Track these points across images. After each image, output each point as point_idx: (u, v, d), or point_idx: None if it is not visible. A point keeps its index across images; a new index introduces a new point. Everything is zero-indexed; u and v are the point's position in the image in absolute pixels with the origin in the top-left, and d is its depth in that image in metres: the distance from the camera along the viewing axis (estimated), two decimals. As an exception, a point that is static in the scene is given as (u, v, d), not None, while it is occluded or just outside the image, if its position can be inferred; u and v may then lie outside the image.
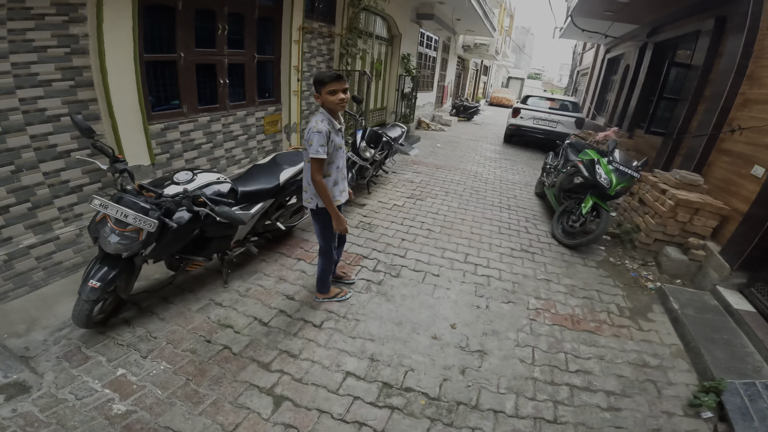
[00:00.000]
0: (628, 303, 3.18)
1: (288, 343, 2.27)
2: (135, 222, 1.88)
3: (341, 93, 2.04)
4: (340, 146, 2.22)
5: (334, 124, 2.11)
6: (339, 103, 2.05)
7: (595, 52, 12.26)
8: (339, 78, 2.01)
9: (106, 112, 2.71)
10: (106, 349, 2.04)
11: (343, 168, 2.33)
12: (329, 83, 2.00)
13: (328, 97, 2.02)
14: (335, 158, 2.21)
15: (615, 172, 3.77)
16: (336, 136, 2.14)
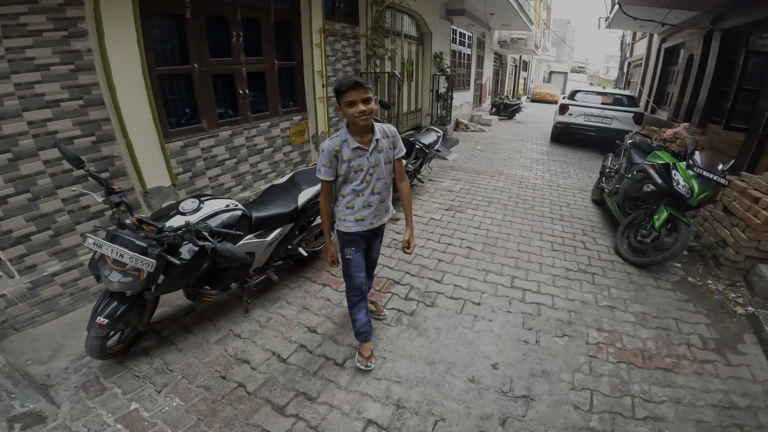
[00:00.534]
0: (713, 333, 2.62)
1: (306, 383, 2.05)
2: (132, 262, 1.70)
3: (361, 104, 1.69)
4: (360, 167, 1.85)
5: (350, 140, 1.81)
6: (358, 116, 1.70)
7: (648, 41, 11.25)
8: (357, 86, 1.68)
9: (120, 132, 2.57)
10: (122, 380, 1.99)
11: (367, 192, 1.91)
12: (346, 92, 1.69)
13: (347, 109, 1.71)
14: (352, 179, 1.88)
15: (696, 179, 3.13)
16: (352, 154, 1.82)
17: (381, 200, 1.96)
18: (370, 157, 1.83)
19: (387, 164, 1.91)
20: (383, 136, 1.87)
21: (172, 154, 3.01)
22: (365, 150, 1.81)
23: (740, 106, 4.65)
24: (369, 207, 1.94)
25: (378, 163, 1.86)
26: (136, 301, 1.93)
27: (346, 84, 1.67)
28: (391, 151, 1.91)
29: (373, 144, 1.82)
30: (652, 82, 10.05)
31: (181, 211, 2.00)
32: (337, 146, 1.78)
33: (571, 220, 4.53)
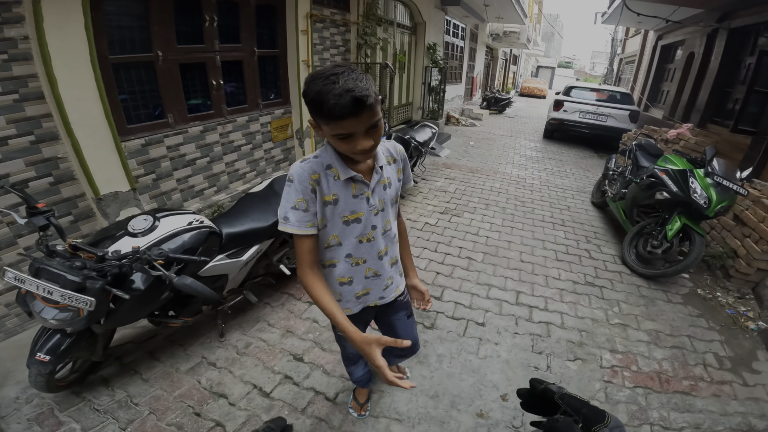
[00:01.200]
0: (727, 350, 2.48)
1: (293, 422, 1.78)
2: (64, 300, 1.36)
3: (362, 138, 0.93)
4: (356, 215, 1.10)
5: (338, 166, 1.05)
6: (359, 153, 0.96)
7: (642, 38, 11.17)
8: (355, 110, 0.85)
9: (63, 130, 2.19)
10: (80, 414, 1.73)
11: (372, 256, 1.19)
12: (334, 121, 0.88)
13: (338, 143, 0.96)
14: (342, 236, 1.12)
15: (715, 188, 2.90)
16: (342, 190, 1.06)
17: (393, 261, 1.27)
18: (373, 198, 1.10)
19: (394, 205, 1.20)
20: (389, 160, 1.16)
21: (131, 154, 2.62)
22: (364, 185, 1.07)
23: (748, 107, 4.45)
24: (377, 277, 1.23)
25: (384, 206, 1.14)
26: (84, 333, 1.61)
27: (335, 104, 0.83)
28: (398, 183, 1.20)
29: (376, 175, 1.09)
30: (646, 80, 9.95)
31: (130, 231, 1.63)
32: (315, 173, 1.01)
33: (573, 225, 4.29)
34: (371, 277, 1.23)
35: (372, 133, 0.93)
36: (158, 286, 1.60)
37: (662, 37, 9.15)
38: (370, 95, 0.86)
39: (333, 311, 1.03)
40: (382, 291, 1.29)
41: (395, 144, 1.22)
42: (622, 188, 3.95)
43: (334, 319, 1.02)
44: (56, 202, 2.27)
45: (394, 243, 1.28)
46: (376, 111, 0.90)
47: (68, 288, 1.37)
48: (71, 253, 1.51)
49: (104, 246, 1.61)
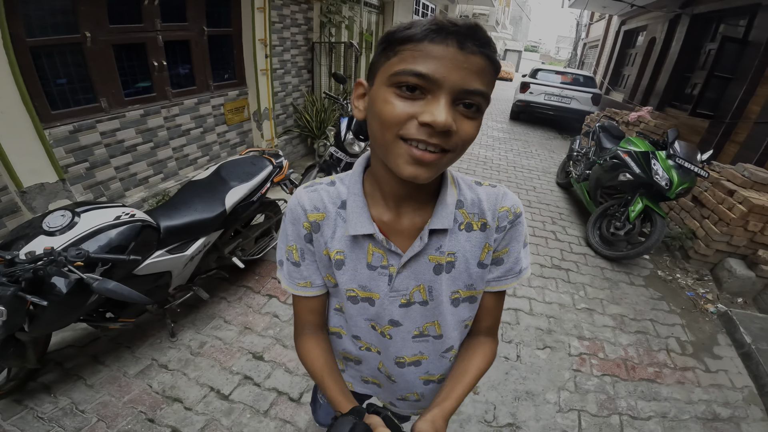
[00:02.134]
0: (689, 335, 2.54)
1: (256, 426, 1.67)
2: None
3: (440, 105, 0.46)
4: (368, 293, 0.67)
5: (357, 210, 0.62)
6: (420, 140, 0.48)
7: (606, 23, 11.43)
8: (460, 34, 0.46)
9: None
10: (24, 423, 1.60)
11: (384, 348, 0.74)
12: (412, 39, 0.47)
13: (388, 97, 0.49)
14: (348, 309, 0.72)
15: (677, 170, 2.94)
16: (352, 251, 0.65)
17: (428, 379, 0.79)
18: (401, 278, 0.65)
19: (457, 304, 0.69)
20: (472, 221, 0.64)
21: (58, 142, 2.33)
22: (393, 254, 0.63)
23: (707, 92, 4.59)
24: (391, 383, 0.80)
25: (429, 298, 0.67)
26: (8, 342, 1.42)
27: (426, 25, 0.47)
28: (480, 270, 0.66)
29: (420, 242, 0.61)
30: (608, 64, 10.18)
31: (45, 229, 1.40)
32: (318, 211, 0.65)
33: (539, 206, 4.32)
34: (384, 377, 0.80)
35: (461, 115, 0.49)
36: (83, 289, 1.40)
37: (625, 22, 9.34)
38: (495, 48, 0.50)
39: (324, 378, 0.68)
40: (395, 399, 0.85)
41: (504, 193, 0.66)
42: (586, 169, 3.98)
43: (330, 394, 0.66)
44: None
45: (442, 359, 0.76)
46: (490, 80, 0.50)
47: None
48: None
49: (18, 247, 1.39)
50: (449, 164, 0.54)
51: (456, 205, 0.63)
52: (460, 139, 0.50)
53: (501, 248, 0.67)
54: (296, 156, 4.82)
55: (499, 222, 0.65)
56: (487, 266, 0.66)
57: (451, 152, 0.50)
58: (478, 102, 0.49)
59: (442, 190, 0.62)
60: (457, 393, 0.67)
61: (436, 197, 0.63)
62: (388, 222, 0.62)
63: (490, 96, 0.50)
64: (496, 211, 0.64)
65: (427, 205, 0.63)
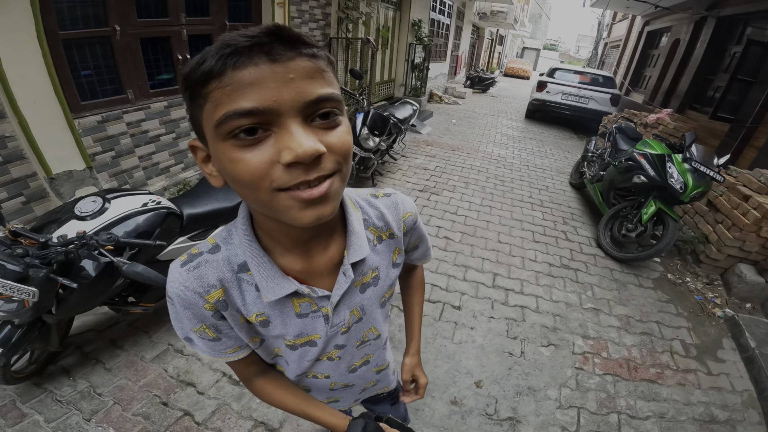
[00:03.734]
0: (694, 338, 2.52)
1: (266, 411, 1.72)
2: (6, 291, 1.24)
3: (295, 134, 0.39)
4: (306, 338, 0.64)
5: (261, 268, 0.55)
6: (295, 189, 0.41)
7: (629, 23, 11.18)
8: (268, 45, 0.38)
9: (9, 108, 2.03)
10: (43, 406, 1.66)
11: (339, 372, 0.76)
12: (219, 73, 0.38)
13: (232, 159, 0.40)
14: (287, 354, 0.68)
15: (692, 173, 2.91)
16: (274, 310, 0.59)
17: (380, 369, 0.87)
18: (338, 314, 0.63)
19: (384, 307, 0.74)
20: (381, 233, 0.66)
21: (86, 131, 2.44)
22: (322, 298, 0.60)
23: (728, 96, 4.50)
24: (348, 388, 0.83)
25: (363, 315, 0.69)
26: (35, 323, 1.50)
27: (218, 51, 0.38)
28: (394, 270, 0.70)
29: (345, 279, 0.60)
30: (629, 65, 9.99)
31: (77, 214, 1.49)
32: (214, 288, 0.55)
33: (551, 206, 4.30)
34: (339, 389, 0.82)
35: (321, 129, 0.42)
36: (110, 272, 1.49)
37: (649, 23, 9.14)
38: (311, 41, 0.42)
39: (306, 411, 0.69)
40: (357, 394, 0.89)
41: (399, 201, 0.69)
42: (600, 170, 3.96)
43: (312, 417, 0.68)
44: (5, 182, 2.11)
45: (386, 346, 0.85)
46: (328, 77, 0.42)
47: (8, 278, 1.24)
48: (12, 240, 1.37)
49: (50, 230, 1.47)
50: (345, 184, 0.47)
51: (363, 225, 0.62)
52: (336, 154, 0.43)
53: (413, 242, 0.75)
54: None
55: (406, 227, 0.69)
56: (399, 264, 0.70)
57: (338, 172, 0.44)
58: (331, 107, 0.42)
59: (348, 219, 0.59)
60: (415, 330, 0.94)
61: (342, 224, 0.60)
62: (301, 269, 0.57)
63: (338, 93, 0.43)
64: (401, 219, 0.68)
65: (334, 236, 0.59)
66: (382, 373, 0.88)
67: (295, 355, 0.67)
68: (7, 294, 1.26)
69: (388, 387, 0.96)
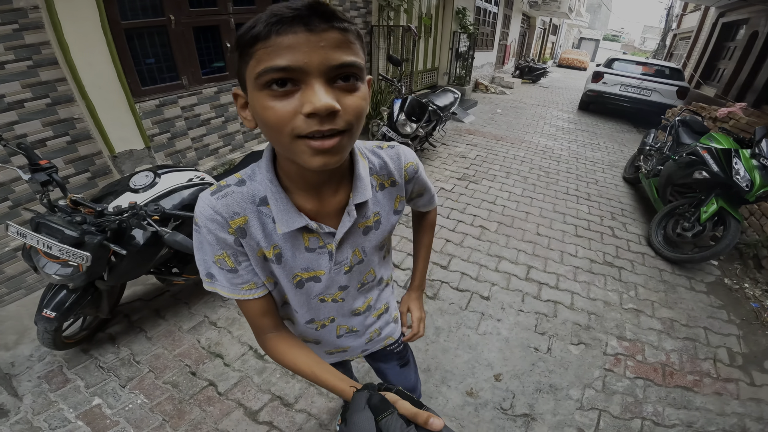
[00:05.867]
0: (743, 347, 2.32)
1: (284, 386, 1.81)
2: (63, 254, 1.38)
3: (318, 91, 0.47)
4: (313, 272, 0.72)
5: (279, 203, 0.62)
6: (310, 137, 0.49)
7: (701, 14, 10.23)
8: (306, 17, 0.46)
9: (78, 93, 2.24)
10: (86, 372, 1.80)
11: (343, 316, 0.86)
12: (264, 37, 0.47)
13: (267, 103, 0.49)
14: (295, 298, 0.77)
15: (761, 170, 2.63)
16: (288, 243, 0.67)
17: (380, 312, 0.93)
18: (341, 252, 0.71)
19: (381, 251, 0.82)
20: (383, 181, 0.73)
21: (146, 114, 2.65)
22: (328, 235, 0.68)
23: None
24: (353, 333, 0.91)
25: (364, 257, 0.76)
26: (88, 289, 1.66)
27: (266, 19, 0.47)
28: (394, 216, 0.77)
29: (348, 219, 0.68)
30: (701, 57, 9.17)
31: (131, 187, 1.65)
32: (237, 216, 0.63)
33: (599, 200, 4.07)
34: (345, 335, 0.89)
35: (340, 91, 0.49)
36: (156, 241, 1.62)
37: (724, 14, 8.35)
38: (344, 17, 0.49)
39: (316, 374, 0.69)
40: (364, 345, 0.95)
41: (402, 152, 0.75)
42: (658, 165, 3.67)
43: (321, 381, 0.68)
44: (73, 159, 2.34)
45: (385, 290, 0.92)
46: (354, 49, 0.49)
47: (66, 243, 1.36)
48: (72, 208, 1.52)
49: (107, 201, 1.62)
50: (353, 142, 0.54)
51: (369, 172, 0.69)
52: (350, 115, 0.50)
53: (417, 190, 0.82)
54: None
55: (408, 176, 0.76)
56: (400, 212, 0.78)
57: (348, 131, 0.51)
58: (352, 72, 0.49)
59: (355, 166, 0.66)
60: (418, 268, 1.04)
61: (350, 172, 0.67)
62: (313, 208, 0.65)
63: (363, 63, 0.51)
64: (402, 168, 0.74)
65: (343, 182, 0.67)
66: (382, 318, 0.95)
67: (302, 293, 0.75)
68: (63, 258, 1.39)
69: (392, 336, 1.01)
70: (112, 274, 1.62)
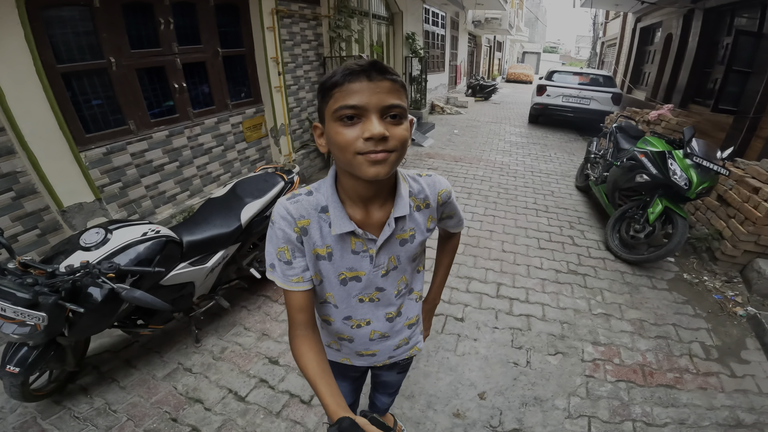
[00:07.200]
0: (714, 339, 2.42)
1: (269, 426, 1.77)
2: (18, 316, 1.36)
3: (375, 119, 0.67)
4: (355, 273, 0.88)
5: (337, 211, 0.80)
6: (367, 154, 0.68)
7: (622, 21, 11.19)
8: (367, 73, 0.67)
9: (18, 144, 2.12)
10: (61, 422, 1.75)
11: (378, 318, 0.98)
12: (337, 88, 0.68)
13: (338, 129, 0.69)
14: (339, 295, 0.92)
15: (695, 169, 2.86)
16: (339, 244, 0.83)
17: (411, 323, 1.05)
18: (380, 257, 0.86)
19: (414, 262, 0.96)
20: (420, 204, 0.88)
21: (93, 164, 2.53)
22: (371, 241, 0.83)
23: (727, 87, 4.44)
24: (385, 339, 1.02)
25: (398, 264, 0.90)
26: (50, 346, 1.61)
27: (348, 66, 0.68)
28: (426, 233, 0.92)
29: (389, 229, 0.83)
30: (627, 62, 9.94)
31: (82, 245, 1.57)
32: (303, 218, 0.80)
33: (556, 211, 4.25)
34: (378, 339, 1.01)
35: (390, 124, 0.68)
36: (115, 298, 1.54)
37: (641, 19, 9.14)
38: (394, 72, 0.71)
39: (317, 381, 0.75)
40: (392, 351, 1.06)
41: (437, 181, 0.90)
42: (604, 171, 3.91)
43: (317, 390, 0.75)
44: (20, 216, 2.20)
45: (417, 302, 1.05)
46: (400, 95, 0.70)
47: (20, 305, 1.35)
48: (22, 271, 1.48)
49: (58, 261, 1.57)
50: (399, 160, 0.72)
51: (408, 195, 0.85)
52: (396, 140, 0.69)
53: (447, 212, 0.97)
54: (314, 169, 4.97)
55: (441, 200, 0.92)
56: (431, 230, 0.94)
57: (395, 151, 0.70)
58: (398, 112, 0.69)
59: (398, 186, 0.83)
60: (435, 284, 1.22)
61: (393, 194, 0.83)
62: (361, 219, 0.82)
63: (405, 105, 0.70)
64: (436, 194, 0.91)
65: (387, 201, 0.84)
66: (413, 328, 1.08)
67: (344, 290, 0.90)
68: (19, 319, 1.36)
69: (417, 347, 1.13)
70: (73, 331, 1.56)
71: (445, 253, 1.19)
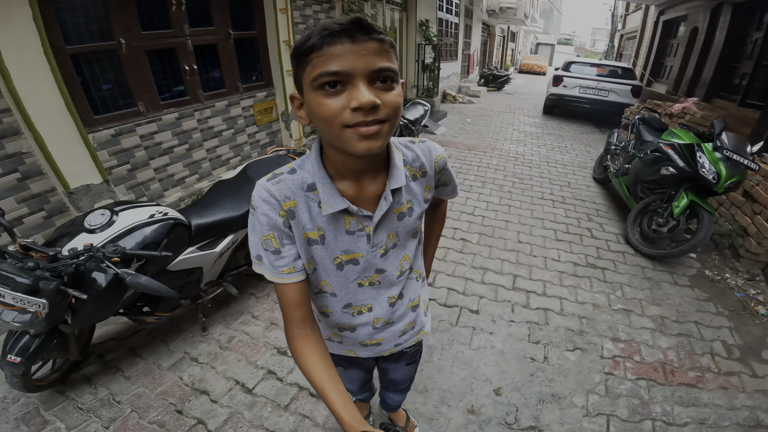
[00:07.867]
0: (736, 338, 2.33)
1: (276, 420, 1.71)
2: (17, 303, 1.28)
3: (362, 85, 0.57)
4: (352, 254, 0.79)
5: (325, 188, 0.70)
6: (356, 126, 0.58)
7: (643, 13, 10.94)
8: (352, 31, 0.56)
9: (24, 124, 2.08)
10: (64, 413, 1.70)
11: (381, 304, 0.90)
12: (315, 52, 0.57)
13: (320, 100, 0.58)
14: (335, 282, 0.83)
15: (725, 162, 2.72)
16: (330, 224, 0.74)
17: (414, 304, 0.98)
18: (377, 235, 0.78)
19: (414, 237, 0.88)
20: (415, 172, 0.80)
21: (101, 145, 2.49)
22: (366, 218, 0.75)
23: (755, 82, 4.25)
24: (390, 325, 0.95)
25: (398, 241, 0.83)
26: (52, 334, 1.53)
27: (326, 25, 0.57)
28: (425, 204, 0.85)
29: (385, 203, 0.74)
30: (648, 55, 9.72)
31: (86, 227, 1.50)
32: (289, 199, 0.71)
33: (573, 202, 4.13)
34: (381, 327, 0.93)
35: (380, 90, 0.58)
36: (120, 283, 1.48)
37: (664, 12, 8.90)
38: (381, 30, 0.59)
39: (326, 390, 0.69)
40: (397, 338, 0.99)
41: (432, 147, 0.82)
42: (625, 163, 3.77)
43: (327, 400, 0.68)
44: (26, 198, 2.16)
45: (418, 282, 0.97)
46: (389, 56, 0.59)
47: (19, 290, 1.26)
48: (23, 254, 1.40)
49: (62, 244, 1.50)
50: (392, 131, 0.63)
51: (402, 164, 0.77)
52: (388, 108, 0.59)
53: (443, 180, 0.89)
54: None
55: (438, 167, 0.83)
56: (429, 200, 0.85)
57: (387, 121, 0.60)
58: (388, 75, 0.59)
59: (391, 156, 0.74)
60: (428, 254, 1.16)
61: (387, 164, 0.75)
62: (354, 194, 0.73)
63: (396, 67, 0.60)
64: (433, 160, 0.82)
65: (380, 172, 0.74)
66: (417, 311, 1.00)
67: (342, 276, 0.81)
68: (19, 305, 1.29)
69: (424, 330, 1.06)
70: (76, 318, 1.50)
71: (436, 221, 1.12)
